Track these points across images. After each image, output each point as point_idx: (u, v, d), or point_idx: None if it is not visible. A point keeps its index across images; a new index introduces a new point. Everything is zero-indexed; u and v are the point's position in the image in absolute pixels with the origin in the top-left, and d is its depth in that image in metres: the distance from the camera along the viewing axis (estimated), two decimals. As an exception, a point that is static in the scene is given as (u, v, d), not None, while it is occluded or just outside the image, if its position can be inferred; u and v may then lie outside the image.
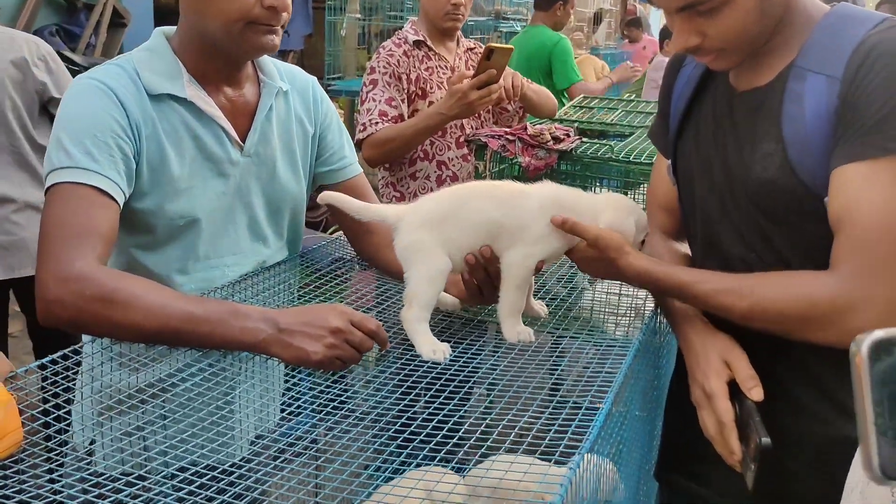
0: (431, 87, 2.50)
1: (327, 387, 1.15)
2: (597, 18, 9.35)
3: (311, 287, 1.50)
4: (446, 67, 2.56)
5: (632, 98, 3.78)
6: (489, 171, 2.41)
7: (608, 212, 1.23)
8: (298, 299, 1.47)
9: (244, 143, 1.38)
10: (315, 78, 1.56)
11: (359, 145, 2.38)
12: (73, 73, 4.19)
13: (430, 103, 2.46)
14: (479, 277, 1.27)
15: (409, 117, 2.45)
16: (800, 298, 1.04)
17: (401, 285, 1.46)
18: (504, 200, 1.25)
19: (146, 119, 1.28)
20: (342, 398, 1.13)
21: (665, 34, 6.44)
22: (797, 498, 1.17)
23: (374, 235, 1.52)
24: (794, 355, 1.14)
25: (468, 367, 1.17)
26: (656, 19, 10.21)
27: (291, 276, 1.49)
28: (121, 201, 1.23)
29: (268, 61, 1.46)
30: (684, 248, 1.35)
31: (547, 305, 1.42)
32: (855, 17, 1.09)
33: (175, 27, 1.39)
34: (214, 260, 1.38)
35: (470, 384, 1.14)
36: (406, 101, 2.47)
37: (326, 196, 1.34)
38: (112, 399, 1.12)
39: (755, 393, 1.06)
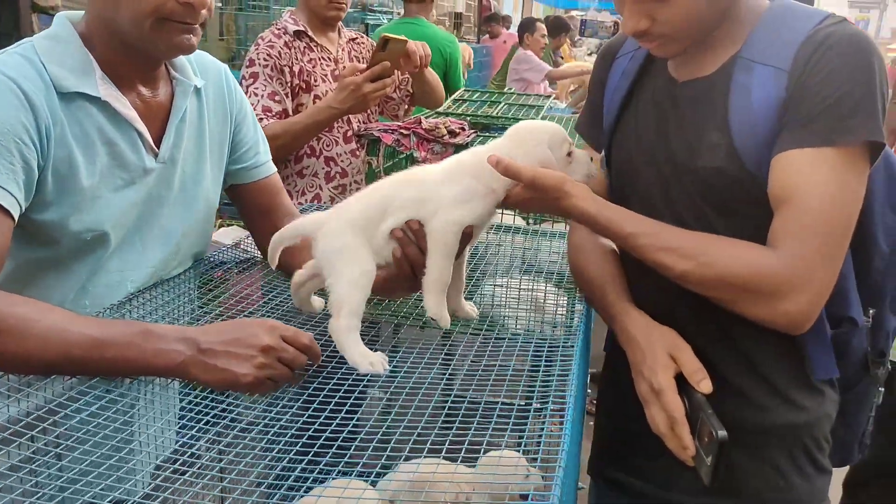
0: (316, 80, 2.37)
1: (216, 400, 1.03)
2: (457, 16, 9.50)
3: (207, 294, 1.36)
4: (329, 59, 2.44)
5: (511, 91, 3.81)
6: (382, 167, 2.33)
7: (516, 151, 1.14)
8: (199, 309, 1.33)
9: (158, 148, 1.23)
10: (226, 65, 1.41)
11: None
12: None
13: (316, 97, 2.34)
14: (412, 252, 1.16)
15: (293, 112, 2.31)
16: (744, 269, 1.04)
17: (286, 282, 1.37)
18: (420, 181, 1.18)
19: (55, 121, 1.10)
20: (235, 412, 1.02)
21: (524, 28, 6.59)
22: (743, 487, 1.18)
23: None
24: (732, 344, 1.15)
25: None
26: (516, 18, 10.50)
27: (192, 287, 1.35)
28: (16, 215, 1.05)
29: None
30: (609, 242, 1.33)
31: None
32: (798, 10, 1.11)
33: (80, 12, 1.20)
34: (120, 274, 1.22)
35: (361, 387, 1.07)
36: (290, 95, 2.33)
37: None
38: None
39: (704, 385, 1.06)
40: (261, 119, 2.21)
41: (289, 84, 2.31)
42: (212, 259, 1.45)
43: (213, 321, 1.25)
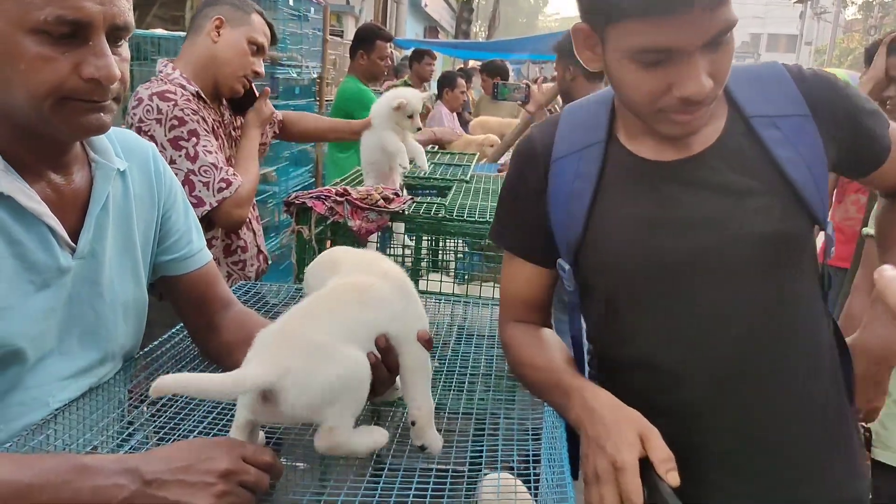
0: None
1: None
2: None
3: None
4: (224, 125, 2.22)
5: (435, 149, 3.76)
6: (313, 235, 2.21)
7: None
8: (130, 426, 1.16)
9: (76, 243, 1.07)
10: (153, 145, 1.27)
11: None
12: None
13: None
14: (382, 376, 1.06)
15: None
16: None
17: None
18: (381, 300, 1.08)
19: None
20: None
21: (444, 83, 6.31)
22: None
23: (222, 333, 1.27)
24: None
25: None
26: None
27: (123, 392, 1.19)
28: None
29: None
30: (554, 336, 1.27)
31: None
32: (752, 67, 1.18)
33: None
34: (39, 390, 1.04)
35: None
36: None
37: (164, 387, 0.89)
38: None
39: (672, 477, 0.95)
40: (236, 176, 1.96)
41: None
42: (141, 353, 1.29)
43: (152, 436, 1.10)
